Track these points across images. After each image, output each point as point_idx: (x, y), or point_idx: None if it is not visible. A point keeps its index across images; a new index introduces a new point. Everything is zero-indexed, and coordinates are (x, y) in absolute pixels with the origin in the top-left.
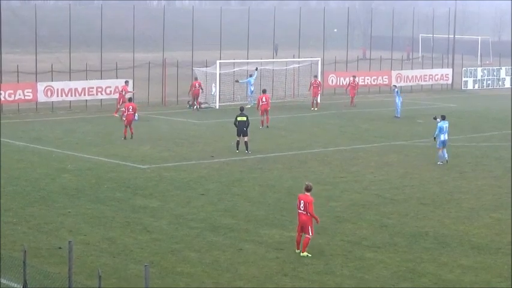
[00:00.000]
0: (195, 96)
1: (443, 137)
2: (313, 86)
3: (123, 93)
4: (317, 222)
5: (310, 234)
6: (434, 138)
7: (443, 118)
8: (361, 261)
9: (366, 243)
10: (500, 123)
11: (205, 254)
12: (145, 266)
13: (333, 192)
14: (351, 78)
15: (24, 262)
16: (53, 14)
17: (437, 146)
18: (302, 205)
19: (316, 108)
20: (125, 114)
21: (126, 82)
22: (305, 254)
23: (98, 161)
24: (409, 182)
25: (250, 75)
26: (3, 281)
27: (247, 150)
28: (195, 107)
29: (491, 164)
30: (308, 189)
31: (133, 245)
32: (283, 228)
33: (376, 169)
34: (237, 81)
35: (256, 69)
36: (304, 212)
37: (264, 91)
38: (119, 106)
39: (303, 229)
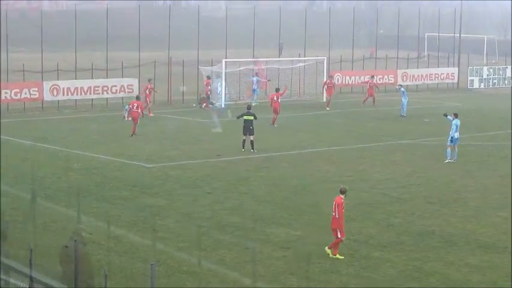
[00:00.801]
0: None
1: (457, 134)
2: (328, 86)
3: (148, 91)
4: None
5: (339, 235)
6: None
7: (456, 116)
8: (367, 260)
9: (373, 242)
10: (505, 123)
11: (211, 252)
12: (152, 264)
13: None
14: (367, 78)
15: (30, 261)
16: (59, 13)
17: (450, 144)
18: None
19: (328, 108)
20: (130, 111)
21: (150, 80)
22: (337, 256)
23: (104, 159)
24: (415, 180)
25: (256, 74)
26: (10, 279)
27: (252, 149)
28: (203, 105)
29: (496, 163)
30: (341, 192)
31: (140, 244)
32: (289, 227)
33: (383, 168)
34: (256, 74)
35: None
36: (334, 214)
37: (277, 90)
38: (149, 105)
39: (333, 231)
